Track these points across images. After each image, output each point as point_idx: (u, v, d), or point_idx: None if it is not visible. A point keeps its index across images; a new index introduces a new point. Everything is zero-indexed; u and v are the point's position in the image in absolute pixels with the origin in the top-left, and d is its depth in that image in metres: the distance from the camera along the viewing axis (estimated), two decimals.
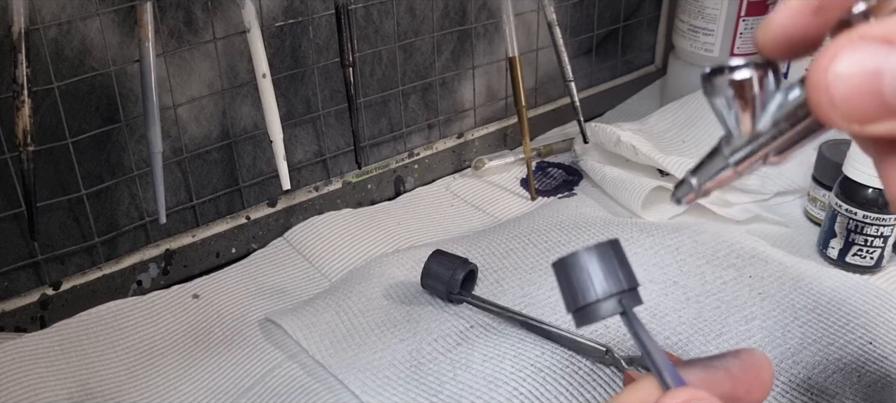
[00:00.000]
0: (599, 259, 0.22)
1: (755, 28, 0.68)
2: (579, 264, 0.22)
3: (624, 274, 0.23)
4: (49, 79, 0.44)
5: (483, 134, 0.68)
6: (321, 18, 0.54)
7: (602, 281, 0.22)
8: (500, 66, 0.67)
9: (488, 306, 0.45)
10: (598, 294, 0.22)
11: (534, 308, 0.45)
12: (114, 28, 0.45)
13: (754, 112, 0.20)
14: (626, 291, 0.22)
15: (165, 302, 0.49)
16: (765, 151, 0.21)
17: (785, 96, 0.20)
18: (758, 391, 0.22)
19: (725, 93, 0.20)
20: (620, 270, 0.23)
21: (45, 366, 0.43)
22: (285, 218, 0.57)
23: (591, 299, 0.22)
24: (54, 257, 0.48)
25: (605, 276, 0.22)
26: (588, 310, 0.22)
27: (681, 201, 0.23)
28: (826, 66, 0.17)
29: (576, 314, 0.23)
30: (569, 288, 0.22)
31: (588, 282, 0.22)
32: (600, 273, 0.22)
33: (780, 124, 0.20)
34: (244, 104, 0.53)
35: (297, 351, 0.45)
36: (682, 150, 0.61)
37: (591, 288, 0.22)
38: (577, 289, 0.22)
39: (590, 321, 0.22)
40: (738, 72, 0.20)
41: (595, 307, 0.22)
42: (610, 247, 0.23)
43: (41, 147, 0.44)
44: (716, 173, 0.22)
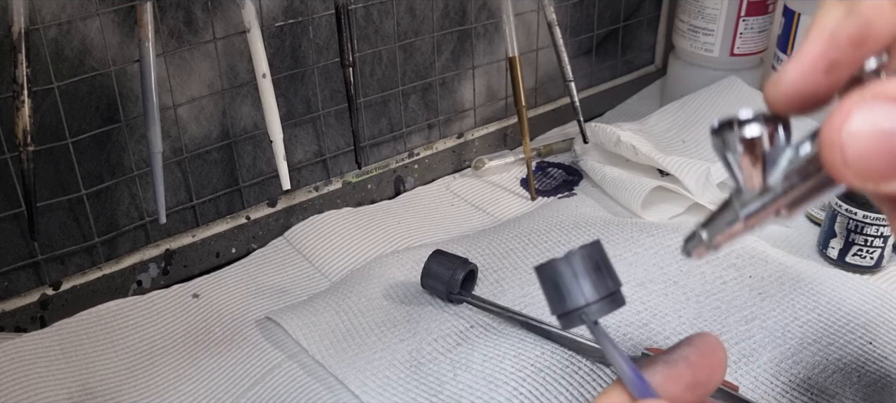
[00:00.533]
0: (582, 262, 0.22)
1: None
2: (562, 269, 0.22)
3: (608, 277, 0.23)
4: (49, 79, 0.44)
5: (483, 134, 0.68)
6: (321, 18, 0.54)
7: (587, 286, 0.22)
8: (500, 66, 0.67)
9: (488, 306, 0.45)
10: (588, 298, 0.22)
11: (534, 308, 0.45)
12: (114, 28, 0.45)
13: (765, 168, 0.20)
14: (611, 294, 0.23)
15: (165, 302, 0.49)
16: (776, 206, 0.21)
17: (796, 152, 0.20)
18: (717, 372, 0.23)
19: (735, 149, 0.20)
20: (605, 273, 0.23)
21: (44, 366, 0.43)
22: (285, 218, 0.57)
23: (577, 304, 0.22)
24: (54, 257, 0.48)
25: (590, 281, 0.22)
26: (572, 316, 0.22)
27: (690, 254, 0.23)
28: (839, 126, 0.17)
29: (560, 318, 0.23)
30: (554, 292, 0.23)
31: (571, 288, 0.22)
32: (586, 277, 0.22)
33: (792, 179, 0.20)
34: (244, 104, 0.53)
35: (298, 351, 0.45)
36: (682, 150, 0.62)
37: (575, 293, 0.22)
38: (562, 294, 0.22)
39: (574, 325, 0.23)
40: (747, 128, 0.20)
41: (580, 313, 0.22)
42: (593, 250, 0.23)
43: (41, 147, 0.44)
44: (726, 227, 0.22)
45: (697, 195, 0.56)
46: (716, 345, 0.23)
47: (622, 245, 0.49)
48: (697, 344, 0.23)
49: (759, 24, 0.68)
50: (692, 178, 0.56)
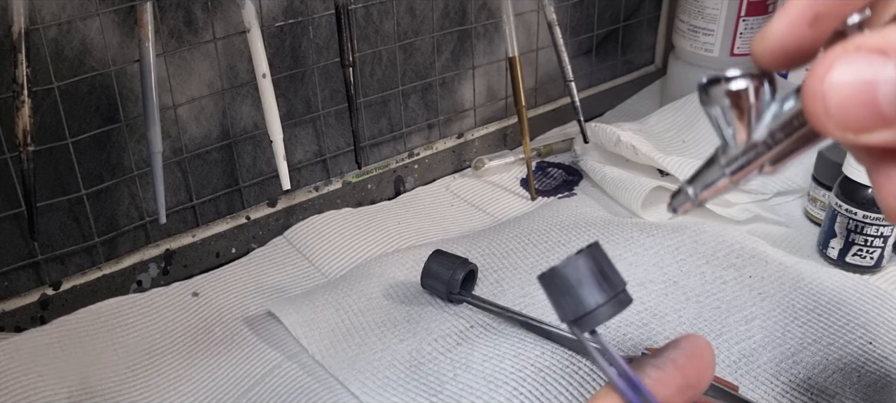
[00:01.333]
0: (586, 266, 0.23)
1: (752, 37, 0.68)
2: (567, 275, 0.22)
3: (613, 277, 0.23)
4: (49, 79, 0.44)
5: (483, 134, 0.68)
6: (321, 18, 0.54)
7: (594, 289, 0.22)
8: (500, 66, 0.67)
9: (488, 306, 0.45)
10: (597, 300, 0.22)
11: (534, 308, 0.45)
12: (114, 28, 0.45)
13: (750, 122, 0.21)
14: (618, 294, 0.23)
15: (165, 301, 0.49)
16: (761, 161, 0.21)
17: (780, 106, 0.20)
18: (706, 372, 0.23)
19: (721, 103, 0.20)
20: (609, 274, 0.23)
21: (44, 364, 0.43)
22: (285, 218, 0.57)
23: (588, 308, 0.22)
24: (54, 257, 0.48)
25: (596, 283, 0.22)
26: (583, 321, 0.22)
27: (677, 210, 0.24)
28: (822, 76, 0.17)
29: (572, 325, 0.23)
30: (561, 299, 0.23)
31: (579, 292, 0.22)
32: (591, 280, 0.22)
33: (776, 134, 0.20)
34: (244, 104, 0.53)
35: (297, 351, 0.45)
36: (682, 150, 0.61)
37: (584, 297, 0.22)
38: (570, 300, 0.22)
39: (586, 329, 0.23)
40: (734, 82, 0.20)
41: (591, 316, 0.22)
42: (594, 251, 0.23)
43: (41, 147, 0.44)
44: (712, 183, 0.22)
45: None
46: (703, 346, 0.23)
47: (622, 245, 0.49)
48: (684, 346, 0.23)
49: (759, 24, 0.68)
50: None
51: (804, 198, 0.58)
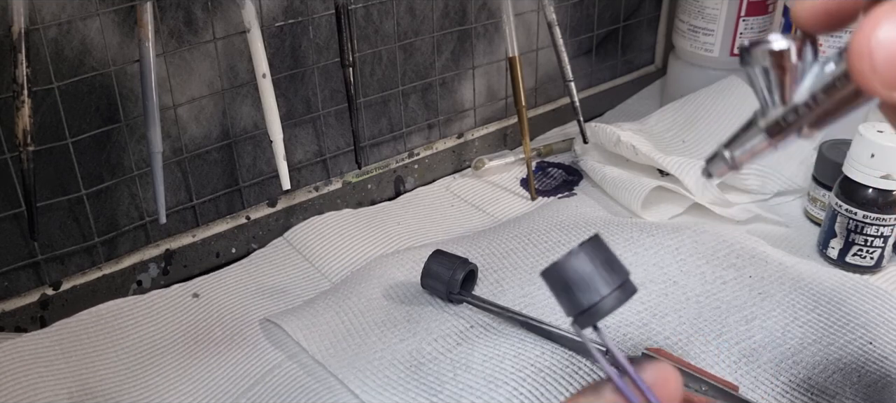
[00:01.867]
0: (589, 258, 0.22)
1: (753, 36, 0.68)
2: (570, 268, 0.22)
3: (616, 267, 0.23)
4: (49, 79, 0.44)
5: (483, 134, 0.68)
6: (321, 18, 0.54)
7: (599, 280, 0.22)
8: (500, 66, 0.67)
9: (488, 306, 0.45)
10: (601, 292, 0.22)
11: (534, 308, 0.45)
12: (114, 28, 0.45)
13: (792, 82, 0.21)
14: (622, 284, 0.22)
15: (165, 302, 0.49)
16: (801, 123, 0.21)
17: (822, 68, 0.20)
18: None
19: (763, 63, 0.21)
20: (612, 264, 0.23)
21: (44, 366, 0.43)
22: (285, 219, 0.57)
23: (593, 301, 0.22)
24: (54, 257, 0.48)
25: (600, 275, 0.22)
26: (589, 314, 0.22)
27: (712, 175, 0.23)
28: (869, 34, 0.18)
29: (578, 318, 0.23)
30: (565, 293, 0.23)
31: (583, 285, 0.22)
32: (595, 272, 0.22)
33: (818, 95, 0.20)
34: (244, 104, 0.53)
35: (298, 351, 0.45)
36: (682, 150, 0.61)
37: (588, 289, 0.22)
38: (575, 294, 0.22)
39: (592, 323, 0.23)
40: (776, 42, 0.20)
41: (596, 308, 0.22)
42: (596, 243, 0.23)
43: (41, 147, 0.44)
44: (750, 145, 0.22)
45: (697, 195, 0.56)
46: (668, 375, 0.22)
47: (622, 245, 0.49)
48: (649, 372, 0.22)
49: (759, 24, 0.68)
50: (692, 178, 0.56)
51: (804, 198, 0.58)
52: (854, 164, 0.49)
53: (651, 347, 0.42)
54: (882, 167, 0.48)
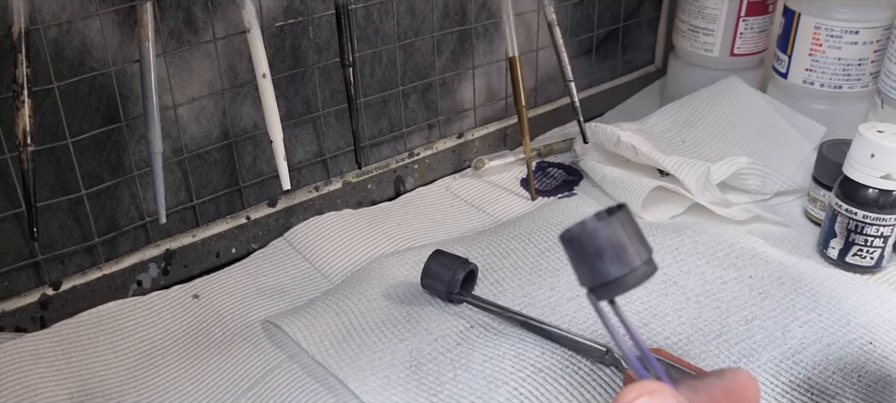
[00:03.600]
0: (622, 226, 0.21)
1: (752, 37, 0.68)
2: (603, 234, 0.21)
3: (644, 240, 0.21)
4: (49, 79, 0.43)
5: (483, 134, 0.68)
6: (321, 18, 0.54)
7: (631, 251, 0.21)
8: (501, 66, 0.67)
9: (488, 306, 0.45)
10: (632, 264, 0.21)
11: (534, 308, 0.45)
12: (114, 28, 0.45)
13: None
14: (649, 259, 0.21)
15: (166, 303, 0.49)
16: None
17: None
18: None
19: None
20: (642, 236, 0.21)
21: (45, 367, 0.43)
22: (285, 219, 0.57)
23: (623, 271, 0.21)
24: (54, 257, 0.48)
25: (633, 245, 0.21)
26: (618, 283, 0.21)
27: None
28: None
29: (600, 289, 0.21)
30: (591, 259, 0.21)
31: (614, 254, 0.21)
32: (628, 242, 0.21)
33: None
34: (244, 104, 0.53)
35: (298, 352, 0.45)
36: (682, 150, 0.61)
37: (621, 260, 0.21)
38: (605, 260, 0.21)
39: (612, 295, 0.21)
40: None
41: (625, 280, 0.21)
42: (627, 213, 0.21)
43: (41, 147, 0.44)
44: None
45: (697, 195, 0.56)
46: (748, 385, 0.23)
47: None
48: (727, 380, 0.23)
49: (759, 24, 0.68)
50: (692, 178, 0.56)
51: (804, 198, 0.58)
52: (854, 164, 0.49)
53: (652, 348, 0.42)
54: (882, 167, 0.47)
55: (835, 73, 0.62)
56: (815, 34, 0.61)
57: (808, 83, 0.63)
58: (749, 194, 0.59)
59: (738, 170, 0.57)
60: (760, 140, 0.61)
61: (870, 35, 0.60)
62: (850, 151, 0.49)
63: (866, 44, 0.60)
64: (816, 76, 0.62)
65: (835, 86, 0.62)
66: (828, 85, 0.62)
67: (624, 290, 0.21)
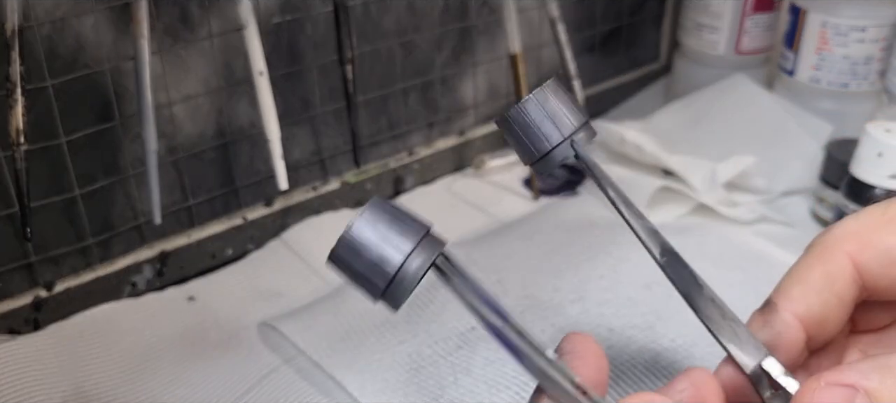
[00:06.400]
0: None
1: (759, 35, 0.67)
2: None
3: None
4: (43, 77, 0.43)
5: (484, 132, 0.67)
6: (319, 15, 0.53)
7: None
8: (502, 64, 0.66)
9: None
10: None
11: (536, 309, 0.44)
12: (108, 25, 0.45)
13: None
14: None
15: (160, 305, 0.49)
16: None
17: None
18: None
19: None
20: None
21: (38, 370, 0.43)
22: (282, 219, 0.57)
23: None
24: (48, 258, 0.48)
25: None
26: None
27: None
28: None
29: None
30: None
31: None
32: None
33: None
34: (241, 102, 0.52)
35: (295, 355, 0.44)
36: (687, 150, 0.61)
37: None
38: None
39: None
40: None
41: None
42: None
43: (34, 146, 0.43)
44: None
45: (703, 195, 0.55)
46: (707, 380, 0.24)
47: (627, 246, 0.49)
48: (694, 378, 0.24)
49: (765, 22, 0.67)
50: (698, 178, 0.55)
51: (811, 199, 0.57)
52: (861, 164, 0.48)
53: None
54: (890, 167, 0.47)
55: (842, 71, 0.61)
56: (821, 32, 0.60)
57: (814, 81, 0.62)
58: (755, 194, 0.58)
59: (744, 169, 0.56)
60: (766, 139, 0.60)
61: (877, 33, 0.59)
62: (858, 150, 0.49)
63: (874, 41, 0.59)
64: (823, 74, 0.62)
65: (842, 84, 0.62)
66: (834, 83, 0.62)
67: (408, 291, 0.21)
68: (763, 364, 0.24)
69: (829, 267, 0.25)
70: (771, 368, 0.24)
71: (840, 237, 0.26)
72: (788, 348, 0.25)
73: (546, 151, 0.22)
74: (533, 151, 0.22)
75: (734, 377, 0.25)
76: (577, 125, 0.23)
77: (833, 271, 0.25)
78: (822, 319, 0.25)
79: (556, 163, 0.23)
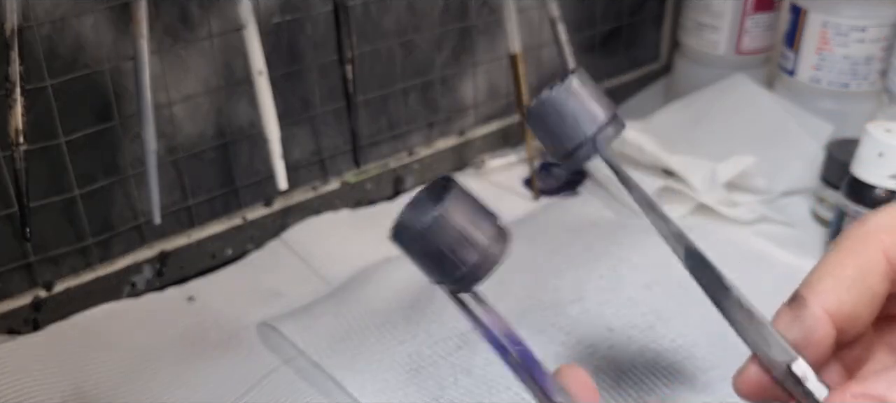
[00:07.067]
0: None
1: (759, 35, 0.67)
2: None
3: (482, 215, 0.22)
4: (42, 76, 0.43)
5: (485, 132, 0.67)
6: (319, 15, 0.53)
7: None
8: (502, 64, 0.66)
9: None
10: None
11: (536, 309, 0.44)
12: (108, 25, 0.45)
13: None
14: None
15: (160, 305, 0.49)
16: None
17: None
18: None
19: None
20: (477, 212, 0.22)
21: (38, 370, 0.43)
22: (282, 219, 0.57)
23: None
24: (47, 258, 0.48)
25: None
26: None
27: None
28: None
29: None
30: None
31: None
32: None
33: None
34: (240, 102, 0.52)
35: (294, 356, 0.44)
36: (688, 150, 0.61)
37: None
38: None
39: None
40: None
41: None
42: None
43: (34, 146, 0.43)
44: None
45: (703, 195, 0.55)
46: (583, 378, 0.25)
47: (628, 246, 0.49)
48: (569, 377, 0.25)
49: (765, 21, 0.67)
50: (698, 178, 0.55)
51: (811, 198, 0.57)
52: (862, 164, 0.48)
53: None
54: (891, 166, 0.47)
55: (842, 71, 0.61)
56: (822, 31, 0.60)
57: (815, 81, 0.62)
58: (755, 194, 0.58)
59: (745, 169, 0.56)
60: (767, 139, 0.60)
61: (877, 32, 0.59)
62: (858, 150, 0.48)
63: (874, 41, 0.59)
64: (823, 74, 0.62)
65: (842, 84, 0.62)
66: (835, 83, 0.62)
67: (482, 278, 0.21)
68: (792, 367, 0.24)
69: (862, 260, 0.24)
70: (799, 371, 0.24)
71: (874, 230, 0.25)
72: (818, 344, 0.24)
73: (573, 148, 0.22)
74: (564, 145, 0.22)
75: (761, 378, 0.25)
76: (606, 119, 0.23)
77: (866, 264, 0.24)
78: (853, 314, 0.24)
79: (581, 160, 0.23)
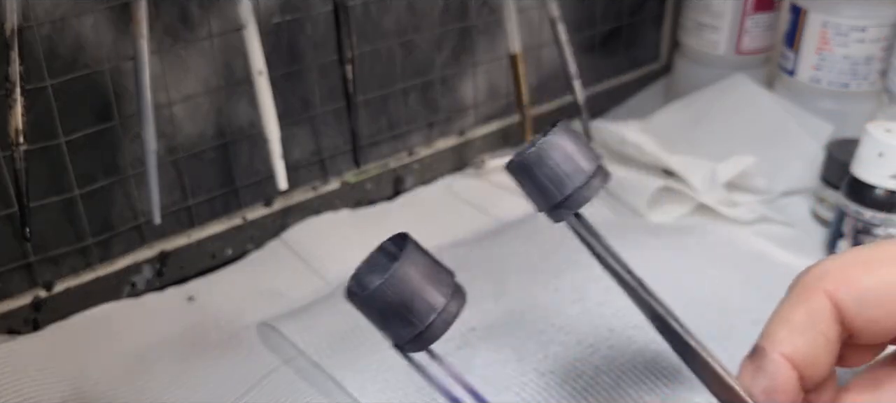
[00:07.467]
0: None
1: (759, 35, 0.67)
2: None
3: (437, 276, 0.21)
4: (42, 76, 0.43)
5: (485, 132, 0.67)
6: (319, 15, 0.53)
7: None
8: (502, 64, 0.66)
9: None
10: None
11: (536, 309, 0.44)
12: (108, 25, 0.45)
13: None
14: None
15: (160, 305, 0.49)
16: None
17: None
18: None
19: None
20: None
21: (37, 370, 0.43)
22: (282, 219, 0.57)
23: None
24: (47, 258, 0.48)
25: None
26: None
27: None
28: None
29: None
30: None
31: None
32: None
33: None
34: (240, 102, 0.52)
35: (294, 356, 0.44)
36: (688, 150, 0.61)
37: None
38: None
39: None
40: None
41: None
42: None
43: (34, 146, 0.43)
44: None
45: (703, 195, 0.55)
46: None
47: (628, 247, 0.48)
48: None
49: (765, 21, 0.67)
50: (698, 178, 0.55)
51: (811, 199, 0.57)
52: (862, 164, 0.48)
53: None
54: (891, 167, 0.47)
55: (842, 71, 0.61)
56: (822, 31, 0.60)
57: (815, 81, 0.62)
58: (755, 194, 0.58)
59: (745, 169, 0.56)
60: (767, 139, 0.60)
61: (877, 32, 0.59)
62: (858, 150, 0.48)
63: (874, 41, 0.59)
64: (823, 74, 0.62)
65: (842, 84, 0.62)
66: (835, 83, 0.62)
67: (435, 338, 0.21)
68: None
69: (811, 305, 0.25)
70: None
71: (818, 275, 0.26)
72: (784, 388, 0.25)
73: (558, 202, 0.22)
74: (548, 199, 0.22)
75: None
76: (591, 171, 0.22)
77: (815, 309, 0.25)
78: (811, 358, 0.25)
79: (564, 215, 0.22)
